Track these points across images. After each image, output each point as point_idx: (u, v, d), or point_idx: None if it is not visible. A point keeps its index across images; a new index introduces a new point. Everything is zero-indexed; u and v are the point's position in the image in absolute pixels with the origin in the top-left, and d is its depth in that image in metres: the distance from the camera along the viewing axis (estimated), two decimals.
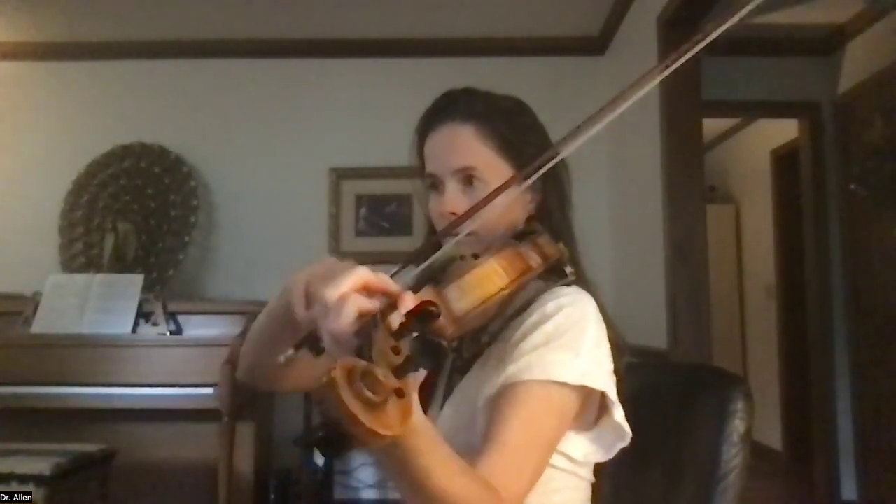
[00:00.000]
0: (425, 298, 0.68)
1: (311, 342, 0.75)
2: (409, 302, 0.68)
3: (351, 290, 0.68)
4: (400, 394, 0.55)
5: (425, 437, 0.67)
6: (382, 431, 0.52)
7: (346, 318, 0.67)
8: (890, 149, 3.20)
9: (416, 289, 0.75)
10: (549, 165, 0.85)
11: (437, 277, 0.81)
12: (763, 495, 4.01)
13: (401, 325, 0.59)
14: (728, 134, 5.49)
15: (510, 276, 0.81)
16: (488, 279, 0.79)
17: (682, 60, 0.78)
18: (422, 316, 0.58)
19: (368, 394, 0.52)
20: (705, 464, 0.95)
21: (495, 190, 0.86)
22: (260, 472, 3.16)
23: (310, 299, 0.77)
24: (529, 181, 0.87)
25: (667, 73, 0.80)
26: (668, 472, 0.99)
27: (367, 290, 0.70)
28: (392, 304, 0.67)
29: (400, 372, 0.55)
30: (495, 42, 3.80)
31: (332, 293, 0.68)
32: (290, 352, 0.75)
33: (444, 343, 0.54)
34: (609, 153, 3.74)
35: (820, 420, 3.81)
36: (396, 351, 0.58)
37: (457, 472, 0.70)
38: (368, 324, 0.64)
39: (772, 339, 4.89)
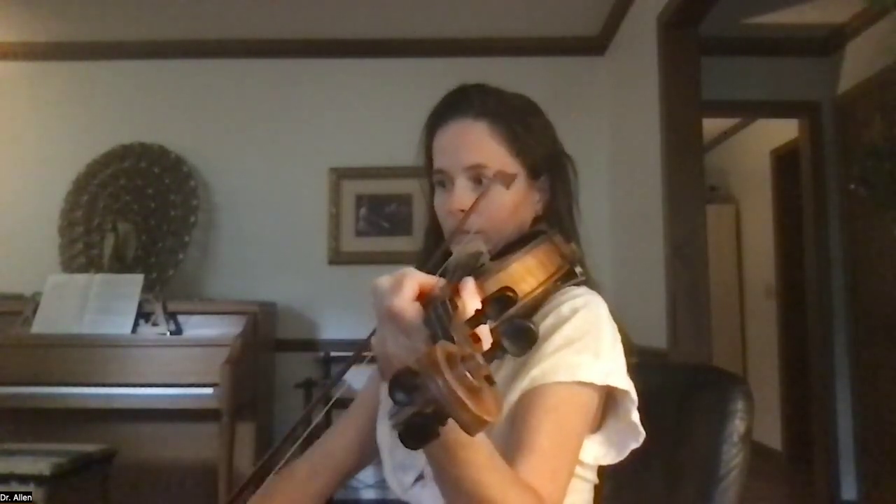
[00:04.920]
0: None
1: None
2: (471, 288, 0.65)
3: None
4: (490, 381, 0.52)
5: (484, 450, 0.67)
6: (487, 417, 0.49)
7: (408, 291, 0.64)
8: (890, 149, 3.20)
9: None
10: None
11: (474, 273, 0.77)
12: (763, 495, 4.01)
13: (477, 311, 0.55)
14: (728, 134, 5.48)
15: (547, 272, 0.80)
16: (529, 273, 0.77)
17: None
18: (500, 300, 0.54)
19: (471, 378, 0.49)
20: (705, 464, 0.95)
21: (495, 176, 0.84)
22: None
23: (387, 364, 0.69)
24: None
25: None
26: (669, 473, 0.99)
27: (423, 286, 0.66)
28: (455, 291, 0.64)
29: (487, 358, 0.52)
30: (495, 42, 3.80)
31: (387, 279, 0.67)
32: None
33: (534, 327, 0.51)
34: (609, 153, 3.74)
35: (820, 420, 3.81)
36: (475, 339, 0.55)
37: (510, 482, 0.70)
38: (438, 310, 0.60)
39: (772, 339, 4.89)
